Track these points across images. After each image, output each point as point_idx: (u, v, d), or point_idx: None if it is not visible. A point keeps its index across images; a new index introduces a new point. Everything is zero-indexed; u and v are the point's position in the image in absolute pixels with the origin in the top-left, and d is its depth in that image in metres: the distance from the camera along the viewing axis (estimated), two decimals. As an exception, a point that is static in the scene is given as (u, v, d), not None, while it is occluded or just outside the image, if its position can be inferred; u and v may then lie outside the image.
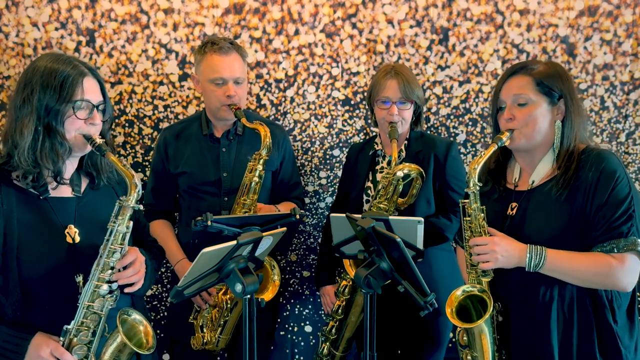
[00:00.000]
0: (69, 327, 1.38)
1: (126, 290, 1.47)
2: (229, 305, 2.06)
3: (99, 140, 1.43)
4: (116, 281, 1.42)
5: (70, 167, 1.52)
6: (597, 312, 1.53)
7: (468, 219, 1.63)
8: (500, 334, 1.62)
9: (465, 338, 1.63)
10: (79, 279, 1.44)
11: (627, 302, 1.57)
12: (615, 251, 1.48)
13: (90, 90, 1.46)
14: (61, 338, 1.37)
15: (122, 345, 1.42)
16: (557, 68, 1.63)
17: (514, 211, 1.64)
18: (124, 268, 1.44)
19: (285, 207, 2.20)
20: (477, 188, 1.60)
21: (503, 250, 1.54)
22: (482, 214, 1.62)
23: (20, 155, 1.40)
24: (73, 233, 1.48)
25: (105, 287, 1.40)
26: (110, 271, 1.41)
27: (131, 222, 1.44)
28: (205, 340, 2.08)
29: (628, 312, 1.57)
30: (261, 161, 2.06)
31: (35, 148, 1.40)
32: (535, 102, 1.58)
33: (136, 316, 1.48)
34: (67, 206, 1.50)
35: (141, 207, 1.45)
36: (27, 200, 1.44)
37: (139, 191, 1.42)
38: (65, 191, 1.51)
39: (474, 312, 1.62)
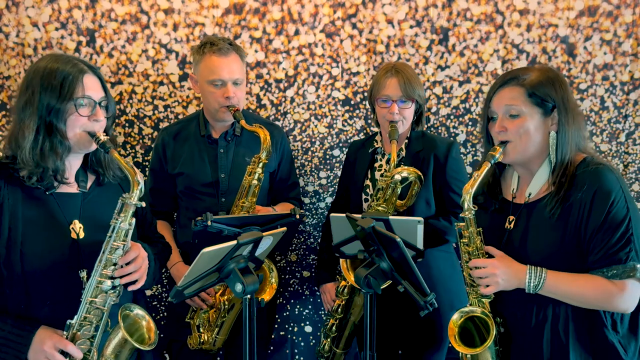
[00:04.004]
0: (72, 321, 1.40)
1: (130, 288, 1.48)
2: (226, 306, 2.06)
3: (103, 138, 1.45)
4: (119, 277, 1.44)
5: (75, 164, 1.54)
6: (595, 328, 1.49)
7: (465, 240, 1.59)
8: (502, 346, 1.60)
9: (469, 356, 1.60)
10: (83, 274, 1.45)
11: (629, 313, 1.52)
12: (614, 278, 1.43)
13: (91, 87, 1.47)
14: (64, 332, 1.40)
15: (123, 340, 1.43)
16: (550, 75, 1.54)
17: (512, 225, 1.60)
18: (127, 264, 1.46)
19: (282, 209, 2.20)
20: (473, 213, 1.56)
21: (503, 274, 1.51)
22: (479, 237, 1.58)
23: (23, 156, 1.42)
24: (78, 228, 1.49)
25: (108, 283, 1.42)
26: (112, 267, 1.42)
27: (134, 220, 1.45)
28: (202, 340, 2.09)
29: (631, 321, 1.52)
30: (260, 164, 2.06)
31: (36, 148, 1.42)
32: (527, 114, 1.51)
33: (138, 311, 1.50)
34: (73, 202, 1.52)
35: (143, 204, 1.47)
36: (32, 196, 1.46)
37: (141, 188, 1.44)
38: (71, 187, 1.53)
39: (475, 332, 1.60)
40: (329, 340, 2.15)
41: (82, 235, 1.50)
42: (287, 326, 2.71)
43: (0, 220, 1.42)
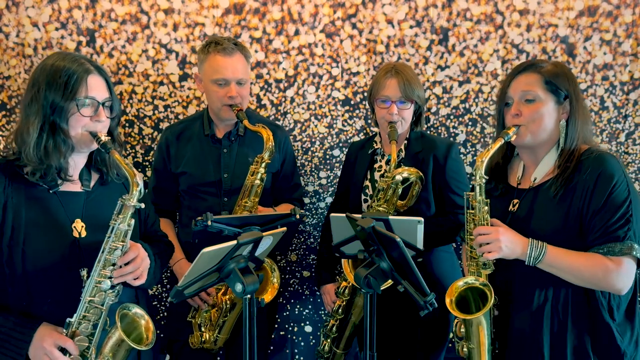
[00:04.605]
0: (71, 320, 1.42)
1: (130, 283, 1.50)
2: (227, 306, 2.06)
3: (104, 138, 1.46)
4: (117, 278, 1.46)
5: (79, 162, 1.56)
6: (593, 312, 1.55)
7: (472, 211, 1.65)
8: (495, 328, 1.65)
9: (462, 330, 1.65)
10: (83, 272, 1.47)
11: (626, 301, 1.58)
12: (611, 254, 1.49)
13: (95, 87, 1.48)
14: (64, 330, 1.41)
15: (120, 340, 1.45)
16: (564, 69, 1.65)
17: (515, 207, 1.67)
18: (126, 264, 1.47)
19: (284, 209, 2.20)
20: (484, 181, 1.62)
21: (507, 241, 1.56)
22: (487, 207, 1.63)
23: (27, 152, 1.44)
24: (80, 227, 1.51)
25: (107, 283, 1.43)
26: (111, 267, 1.44)
27: (133, 220, 1.46)
28: (203, 339, 2.09)
29: (627, 309, 1.58)
30: (263, 164, 2.06)
31: (40, 145, 1.44)
32: (542, 100, 1.60)
33: (137, 310, 1.51)
34: (76, 201, 1.53)
35: (142, 205, 1.49)
36: (36, 195, 1.48)
37: (140, 190, 1.45)
38: (75, 186, 1.55)
39: (473, 304, 1.64)
40: (329, 340, 2.15)
41: (83, 234, 1.51)
42: (287, 326, 2.71)
43: (3, 219, 1.43)
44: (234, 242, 1.40)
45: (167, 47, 2.51)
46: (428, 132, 2.54)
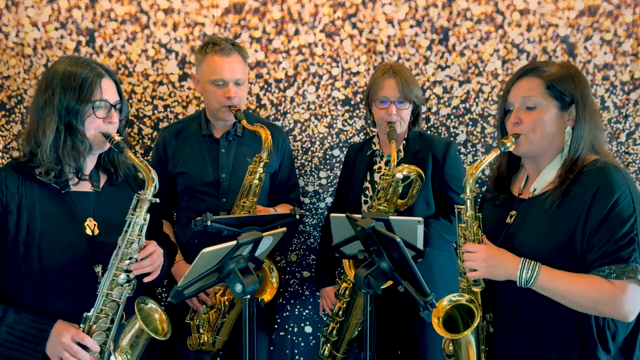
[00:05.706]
0: (88, 314, 1.46)
1: (145, 279, 1.55)
2: (226, 307, 2.06)
3: (117, 138, 1.53)
4: (134, 270, 1.51)
5: (89, 163, 1.61)
6: (584, 340, 1.43)
7: (463, 225, 1.56)
8: (489, 346, 1.57)
9: (450, 348, 1.59)
10: (98, 269, 1.52)
11: (624, 332, 1.45)
12: (614, 276, 1.35)
13: (107, 90, 1.55)
14: (81, 325, 1.46)
15: (139, 331, 1.50)
16: (571, 70, 1.51)
17: (512, 219, 1.56)
18: (143, 259, 1.53)
19: (282, 210, 2.20)
20: (474, 195, 1.53)
21: (493, 260, 1.46)
22: (477, 222, 1.55)
23: (43, 153, 1.49)
24: (92, 226, 1.56)
25: (123, 276, 1.48)
26: (128, 261, 1.49)
27: (148, 215, 1.52)
28: (201, 341, 2.09)
29: (625, 342, 1.45)
30: (262, 164, 2.06)
31: (57, 146, 1.50)
32: (544, 107, 1.48)
33: (152, 305, 1.57)
34: (87, 200, 1.59)
35: (157, 200, 1.55)
36: (49, 194, 1.53)
37: (155, 185, 1.51)
38: (86, 186, 1.60)
39: (461, 321, 1.57)
40: (329, 345, 2.14)
41: (96, 232, 1.56)
42: (287, 326, 2.70)
43: (18, 218, 1.47)
44: (234, 242, 1.40)
45: (166, 47, 2.50)
46: (428, 132, 2.54)
